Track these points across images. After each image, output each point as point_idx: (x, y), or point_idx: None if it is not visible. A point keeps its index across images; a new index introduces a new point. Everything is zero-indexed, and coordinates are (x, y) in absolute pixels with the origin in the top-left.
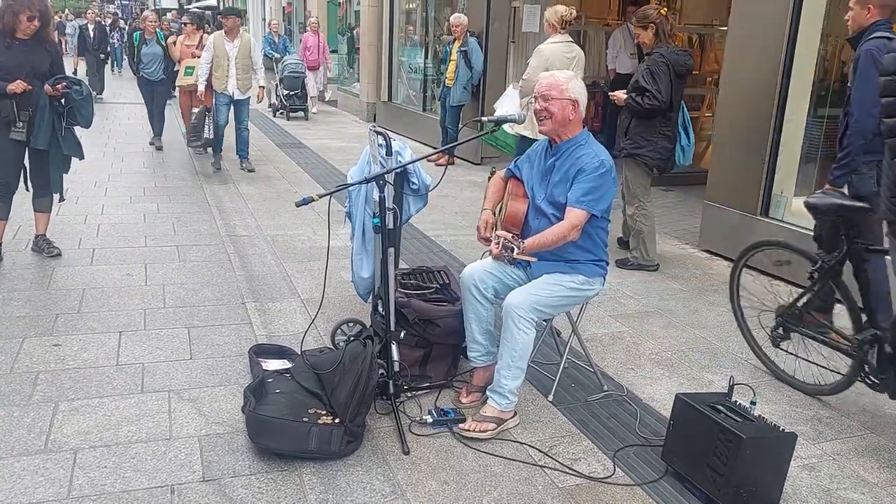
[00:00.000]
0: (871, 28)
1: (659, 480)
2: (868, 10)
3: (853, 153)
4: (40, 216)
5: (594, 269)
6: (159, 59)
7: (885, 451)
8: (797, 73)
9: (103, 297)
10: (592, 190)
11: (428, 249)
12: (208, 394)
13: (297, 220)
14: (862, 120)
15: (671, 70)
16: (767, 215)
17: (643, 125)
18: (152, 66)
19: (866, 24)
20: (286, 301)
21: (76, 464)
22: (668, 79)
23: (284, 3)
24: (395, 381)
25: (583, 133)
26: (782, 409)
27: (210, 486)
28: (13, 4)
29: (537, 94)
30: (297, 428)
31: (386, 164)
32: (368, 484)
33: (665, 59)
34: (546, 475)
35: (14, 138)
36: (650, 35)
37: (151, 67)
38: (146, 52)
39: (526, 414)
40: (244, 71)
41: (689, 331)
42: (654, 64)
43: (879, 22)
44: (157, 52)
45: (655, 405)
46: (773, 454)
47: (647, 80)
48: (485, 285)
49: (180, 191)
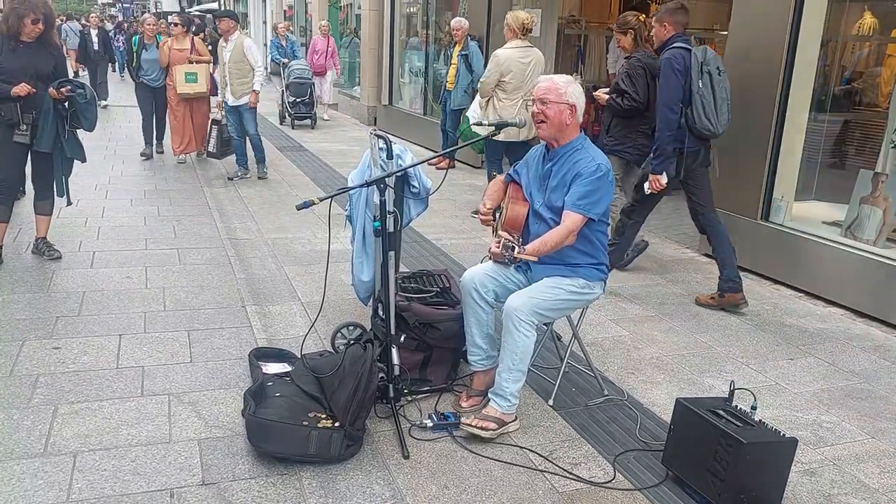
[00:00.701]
0: (669, 41)
1: (659, 485)
2: (665, 27)
3: (663, 143)
4: (41, 219)
5: (595, 272)
6: (159, 65)
7: (885, 456)
8: (797, 77)
9: (103, 300)
10: (589, 193)
11: (428, 253)
12: (208, 397)
13: (297, 224)
14: (666, 115)
15: (647, 73)
16: (768, 220)
17: (623, 124)
18: (153, 71)
19: (666, 38)
20: (286, 304)
21: (76, 467)
22: (645, 81)
23: (286, 7)
24: (396, 384)
25: (579, 137)
26: (783, 414)
27: (209, 489)
28: (18, 8)
29: (535, 97)
30: (297, 431)
31: (386, 168)
32: (368, 488)
33: (642, 63)
34: (546, 480)
35: (18, 141)
36: (629, 40)
37: (153, 73)
38: (146, 57)
39: (526, 418)
40: (238, 76)
41: (690, 335)
42: (632, 68)
43: (676, 35)
44: (158, 58)
45: (656, 410)
46: (773, 459)
47: (625, 83)
48: (485, 289)
49: (181, 194)
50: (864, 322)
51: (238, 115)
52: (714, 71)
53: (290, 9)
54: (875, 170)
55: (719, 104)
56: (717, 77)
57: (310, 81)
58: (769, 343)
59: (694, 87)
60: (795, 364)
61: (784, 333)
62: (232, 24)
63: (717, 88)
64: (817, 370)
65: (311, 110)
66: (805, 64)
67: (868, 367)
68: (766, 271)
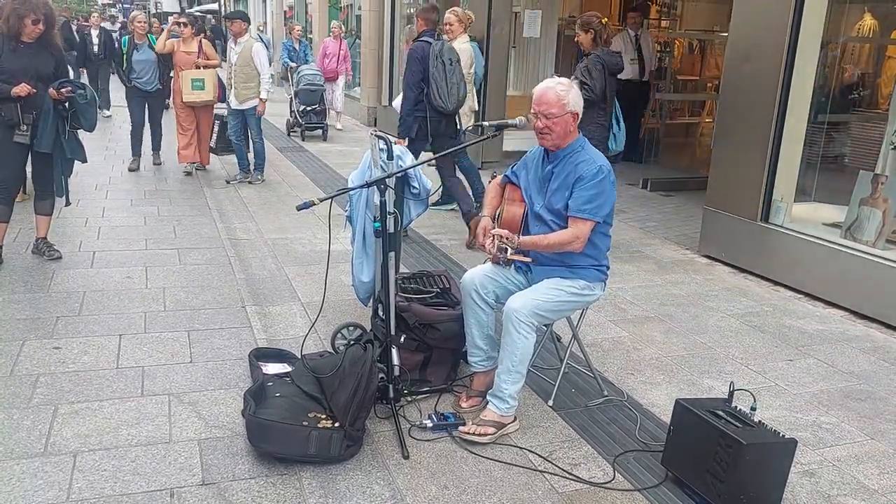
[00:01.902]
0: (420, 34)
1: (659, 486)
2: (419, 23)
3: (405, 114)
4: (41, 219)
5: (595, 274)
6: (153, 66)
7: (885, 457)
8: (797, 79)
9: (104, 300)
10: (594, 197)
11: (428, 254)
12: (208, 397)
13: (297, 224)
14: (408, 93)
15: (605, 69)
16: (768, 221)
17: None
18: (146, 74)
19: (419, 32)
20: (286, 305)
21: (76, 467)
22: (603, 77)
23: (286, 7)
24: (396, 385)
25: (579, 139)
26: (782, 415)
27: (209, 489)
28: (18, 8)
29: (537, 111)
30: (297, 432)
31: (387, 169)
32: (368, 488)
33: (601, 59)
34: (546, 480)
35: (18, 141)
36: (589, 39)
37: (145, 76)
38: (138, 58)
39: (526, 419)
40: (243, 80)
41: (690, 336)
42: (592, 63)
43: (425, 31)
44: (151, 58)
45: (655, 410)
46: (773, 460)
47: (585, 76)
48: (485, 290)
49: (181, 194)
50: (864, 323)
51: (241, 118)
52: (447, 61)
53: (290, 9)
54: (875, 171)
55: (450, 87)
56: (448, 66)
57: (321, 88)
58: (769, 344)
59: (429, 73)
60: (795, 365)
61: (783, 334)
62: (244, 27)
63: (448, 75)
64: (817, 371)
65: (322, 120)
66: (805, 65)
67: (867, 368)
68: (766, 272)
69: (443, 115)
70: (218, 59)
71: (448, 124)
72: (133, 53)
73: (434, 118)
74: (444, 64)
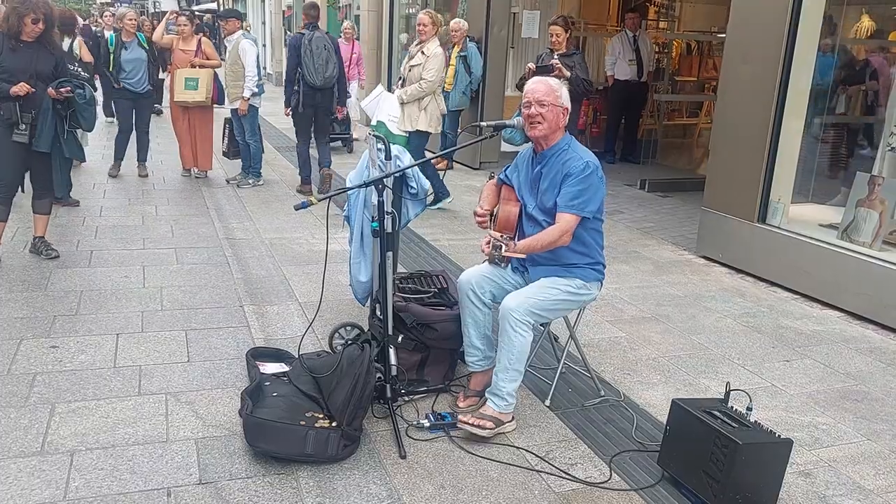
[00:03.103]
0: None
1: (655, 486)
2: (303, 17)
3: (287, 91)
4: (39, 218)
5: (591, 273)
6: (143, 66)
7: (881, 458)
8: (795, 80)
9: (101, 300)
10: (580, 193)
11: (426, 253)
12: (205, 397)
13: (295, 224)
14: (288, 73)
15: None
16: (765, 222)
17: None
18: (136, 74)
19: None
20: (284, 304)
21: (73, 466)
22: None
23: (284, 7)
24: (393, 385)
25: (565, 138)
26: (778, 416)
27: (206, 488)
28: (18, 7)
29: (532, 99)
30: (294, 431)
31: (385, 169)
32: (365, 488)
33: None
34: (542, 480)
35: (16, 140)
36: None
37: (135, 76)
38: (127, 57)
39: (523, 419)
40: (232, 78)
41: (686, 337)
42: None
43: (307, 24)
44: (141, 57)
45: (652, 411)
46: (769, 460)
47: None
48: (482, 290)
49: (178, 194)
50: (860, 324)
51: (239, 119)
52: (314, 48)
53: (288, 9)
54: (872, 172)
55: (317, 67)
56: (316, 51)
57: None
58: (765, 345)
59: (302, 58)
60: (791, 366)
61: (780, 335)
62: (238, 25)
63: (315, 58)
64: (813, 372)
65: (347, 130)
66: (802, 66)
67: (863, 369)
68: (763, 273)
69: (314, 90)
70: (218, 60)
71: (323, 96)
72: (122, 52)
73: (307, 92)
74: (311, 50)
